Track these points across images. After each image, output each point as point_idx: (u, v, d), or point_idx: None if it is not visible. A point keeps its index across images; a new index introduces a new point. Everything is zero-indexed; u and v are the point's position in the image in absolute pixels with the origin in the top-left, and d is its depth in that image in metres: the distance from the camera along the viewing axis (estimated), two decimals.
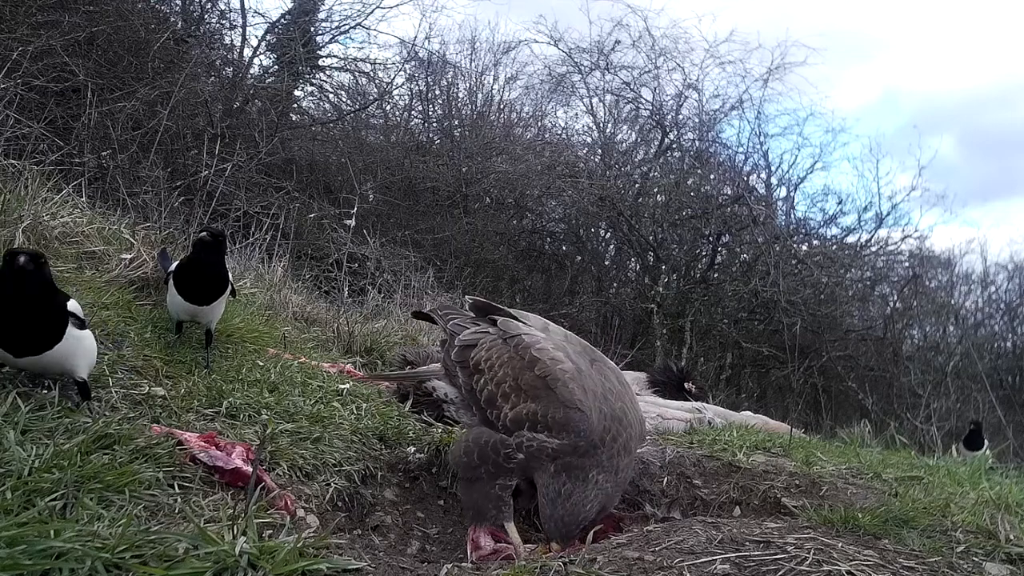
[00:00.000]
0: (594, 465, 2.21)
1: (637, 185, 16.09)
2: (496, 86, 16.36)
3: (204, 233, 3.12)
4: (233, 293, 3.44)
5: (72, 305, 2.36)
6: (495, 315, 2.60)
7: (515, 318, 2.60)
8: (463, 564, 2.17)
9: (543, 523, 2.28)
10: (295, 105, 13.48)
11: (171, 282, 3.17)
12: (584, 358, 2.44)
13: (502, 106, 16.56)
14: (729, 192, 15.49)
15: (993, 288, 17.07)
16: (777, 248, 14.51)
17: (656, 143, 16.71)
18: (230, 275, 3.32)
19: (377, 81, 14.15)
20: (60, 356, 2.27)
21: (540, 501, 2.26)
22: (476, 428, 2.41)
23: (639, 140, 17.29)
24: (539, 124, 16.78)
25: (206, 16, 11.91)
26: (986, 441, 7.08)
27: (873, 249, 15.95)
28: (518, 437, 2.26)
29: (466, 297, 2.75)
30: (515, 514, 2.48)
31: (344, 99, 14.43)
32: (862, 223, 15.52)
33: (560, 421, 2.22)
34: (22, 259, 2.16)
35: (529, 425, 2.25)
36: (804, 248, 15.80)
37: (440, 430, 3.21)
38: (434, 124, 15.66)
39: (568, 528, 2.20)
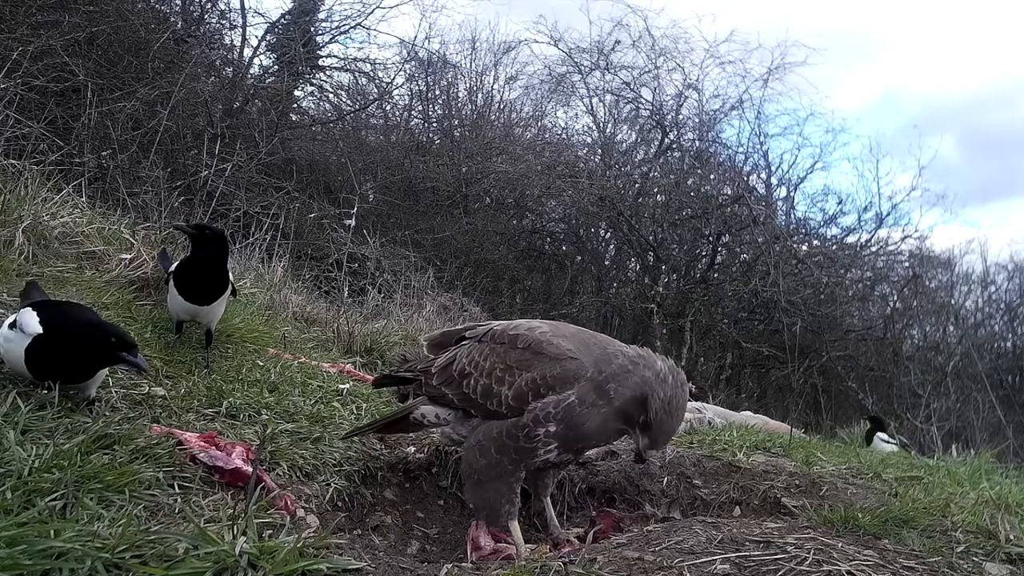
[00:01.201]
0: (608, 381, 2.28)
1: (637, 185, 16.09)
2: (496, 86, 16.40)
3: (186, 224, 3.22)
4: (234, 293, 3.44)
5: None
6: (458, 337, 2.64)
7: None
8: (463, 564, 2.17)
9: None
10: (295, 105, 13.49)
11: (171, 282, 3.17)
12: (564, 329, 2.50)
13: (502, 106, 16.58)
14: (729, 192, 15.50)
15: (993, 288, 17.10)
16: (777, 248, 14.51)
17: (656, 143, 16.71)
18: (230, 275, 3.32)
19: (377, 81, 14.17)
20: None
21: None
22: (482, 427, 2.39)
23: (639, 140, 17.31)
24: (539, 124, 16.80)
25: (206, 16, 11.92)
26: (881, 435, 6.36)
27: (873, 249, 15.99)
28: (529, 412, 2.28)
29: (421, 339, 2.81)
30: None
31: (344, 99, 14.45)
32: (862, 223, 15.56)
33: (559, 376, 2.26)
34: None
35: (532, 394, 2.27)
36: (804, 248, 15.80)
37: None
38: (434, 124, 15.67)
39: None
